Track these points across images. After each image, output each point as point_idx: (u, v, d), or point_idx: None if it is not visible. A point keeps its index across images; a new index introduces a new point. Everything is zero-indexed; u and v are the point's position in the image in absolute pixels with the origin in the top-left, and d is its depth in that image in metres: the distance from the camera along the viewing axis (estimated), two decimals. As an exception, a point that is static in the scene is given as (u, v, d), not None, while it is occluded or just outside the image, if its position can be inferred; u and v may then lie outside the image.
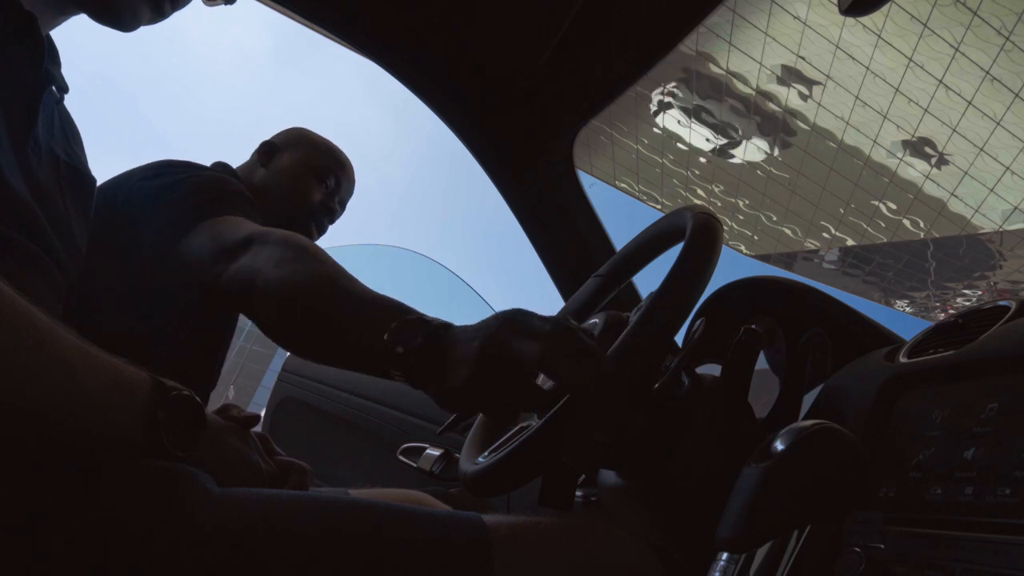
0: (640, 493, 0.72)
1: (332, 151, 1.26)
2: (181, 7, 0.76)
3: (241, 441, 0.72)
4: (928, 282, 14.51)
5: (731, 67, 10.65)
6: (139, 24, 0.71)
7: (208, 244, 0.80)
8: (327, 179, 1.22)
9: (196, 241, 0.81)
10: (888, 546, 0.43)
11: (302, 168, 1.20)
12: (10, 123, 0.59)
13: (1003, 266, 13.16)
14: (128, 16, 0.70)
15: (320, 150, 1.24)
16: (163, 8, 0.73)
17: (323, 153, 1.24)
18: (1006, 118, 10.21)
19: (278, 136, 1.27)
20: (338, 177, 1.24)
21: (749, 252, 14.93)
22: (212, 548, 0.49)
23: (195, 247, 0.81)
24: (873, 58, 9.90)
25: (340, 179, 1.25)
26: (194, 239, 0.82)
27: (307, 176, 1.20)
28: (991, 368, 0.47)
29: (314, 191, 1.20)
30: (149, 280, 0.88)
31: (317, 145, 1.25)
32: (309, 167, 1.21)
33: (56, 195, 0.67)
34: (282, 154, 1.23)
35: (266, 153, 1.23)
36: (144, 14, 0.71)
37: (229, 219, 0.84)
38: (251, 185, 1.16)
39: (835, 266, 14.90)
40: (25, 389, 0.41)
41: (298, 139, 1.26)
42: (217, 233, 0.81)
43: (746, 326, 0.74)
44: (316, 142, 1.25)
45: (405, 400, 1.65)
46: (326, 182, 1.22)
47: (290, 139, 1.26)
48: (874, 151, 11.63)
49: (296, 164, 1.21)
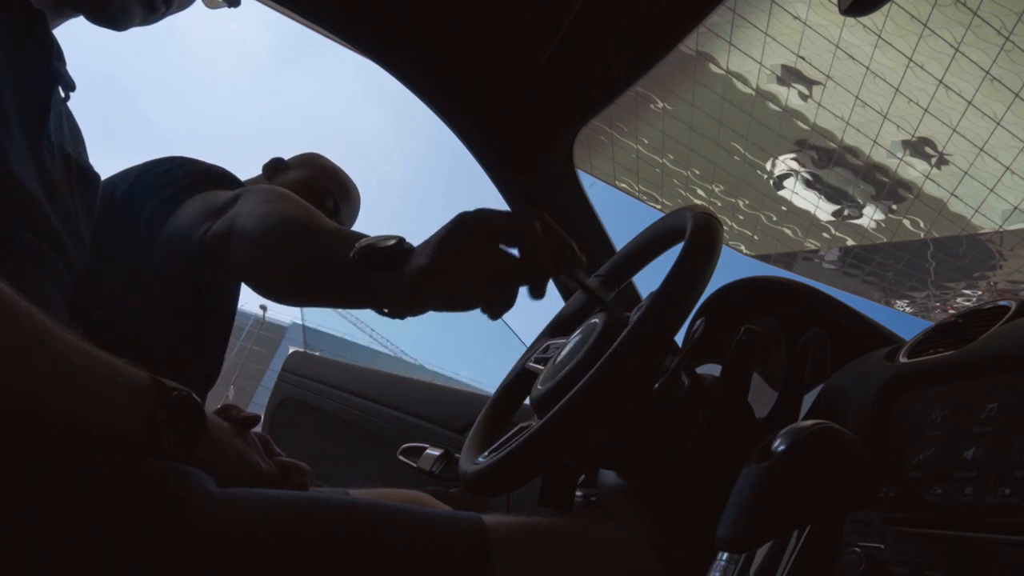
0: (640, 493, 0.72)
1: (337, 175, 1.26)
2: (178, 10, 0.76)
3: (241, 441, 0.72)
4: (928, 282, 14.51)
5: (731, 67, 10.65)
6: (133, 24, 0.73)
7: (201, 207, 0.80)
8: (325, 200, 1.22)
9: (188, 209, 0.82)
10: (888, 546, 0.43)
11: (301, 186, 1.20)
12: (23, 121, 0.59)
13: (1003, 266, 13.15)
14: (122, 16, 0.71)
15: (324, 172, 1.24)
16: (156, 7, 0.74)
17: (326, 175, 1.24)
18: (1006, 118, 10.21)
19: (293, 157, 1.29)
20: (337, 200, 1.24)
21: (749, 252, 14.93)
22: (212, 548, 0.49)
23: (187, 213, 0.81)
24: (873, 58, 9.90)
25: (340, 203, 1.24)
26: (187, 208, 0.82)
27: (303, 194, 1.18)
28: (991, 368, 0.47)
29: None
30: (147, 277, 0.88)
31: (323, 168, 1.25)
32: (308, 185, 1.21)
33: (66, 193, 0.67)
34: (288, 172, 1.24)
35: (272, 168, 1.24)
36: (137, 14, 0.72)
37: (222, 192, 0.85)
38: None
39: (835, 266, 14.89)
40: (25, 389, 0.41)
41: (307, 161, 1.27)
42: (210, 199, 0.82)
43: (746, 326, 0.74)
44: (323, 165, 1.26)
45: (405, 400, 1.65)
46: (324, 203, 1.21)
47: (300, 160, 1.28)
48: (874, 151, 11.63)
49: (297, 182, 1.21)
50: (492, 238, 0.59)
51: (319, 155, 1.30)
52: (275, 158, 1.26)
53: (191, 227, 0.79)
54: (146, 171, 0.93)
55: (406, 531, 0.57)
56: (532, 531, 0.62)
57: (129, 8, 0.71)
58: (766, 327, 0.84)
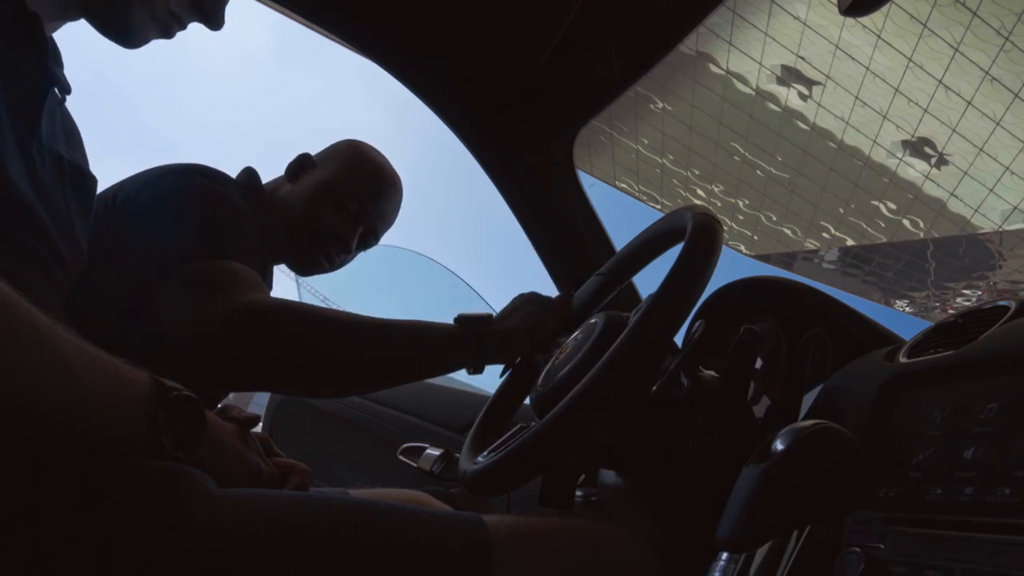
0: (640, 493, 0.72)
1: (369, 174, 1.11)
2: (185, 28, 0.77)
3: (241, 442, 0.72)
4: (928, 282, 14.51)
5: (731, 67, 10.65)
6: (144, 43, 0.73)
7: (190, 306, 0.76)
8: (348, 203, 1.08)
9: (180, 297, 0.77)
10: (888, 546, 0.43)
11: (322, 187, 1.08)
12: (15, 123, 0.59)
13: (1003, 266, 13.15)
14: (138, 36, 0.72)
15: (350, 169, 1.10)
16: (171, 32, 0.74)
17: (354, 174, 1.10)
18: (1006, 118, 10.21)
19: (322, 151, 1.15)
20: (364, 203, 1.09)
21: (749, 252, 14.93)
22: (212, 548, 0.49)
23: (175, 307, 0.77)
24: (873, 58, 9.90)
25: (367, 206, 1.10)
26: (179, 292, 0.77)
27: (323, 196, 1.07)
28: (991, 368, 0.47)
29: (327, 215, 1.07)
30: (146, 282, 0.88)
31: (352, 165, 1.11)
32: (329, 187, 1.08)
33: (59, 195, 0.67)
34: (314, 170, 1.11)
35: (295, 168, 1.12)
36: (152, 35, 0.73)
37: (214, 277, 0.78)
38: (273, 202, 1.08)
39: (835, 266, 14.90)
40: (25, 389, 0.41)
41: (334, 154, 1.13)
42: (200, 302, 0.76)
43: (746, 326, 0.74)
44: (352, 162, 1.11)
45: (405, 400, 1.65)
46: (347, 207, 1.08)
47: (329, 153, 1.14)
48: (874, 151, 11.63)
49: (318, 183, 1.08)
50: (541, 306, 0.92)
51: (353, 146, 1.15)
52: (301, 155, 1.12)
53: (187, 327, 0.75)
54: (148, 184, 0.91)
55: (406, 531, 0.57)
56: (532, 531, 0.62)
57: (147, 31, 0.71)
58: (766, 327, 0.85)
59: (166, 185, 0.90)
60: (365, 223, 1.11)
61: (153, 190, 0.90)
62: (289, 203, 1.08)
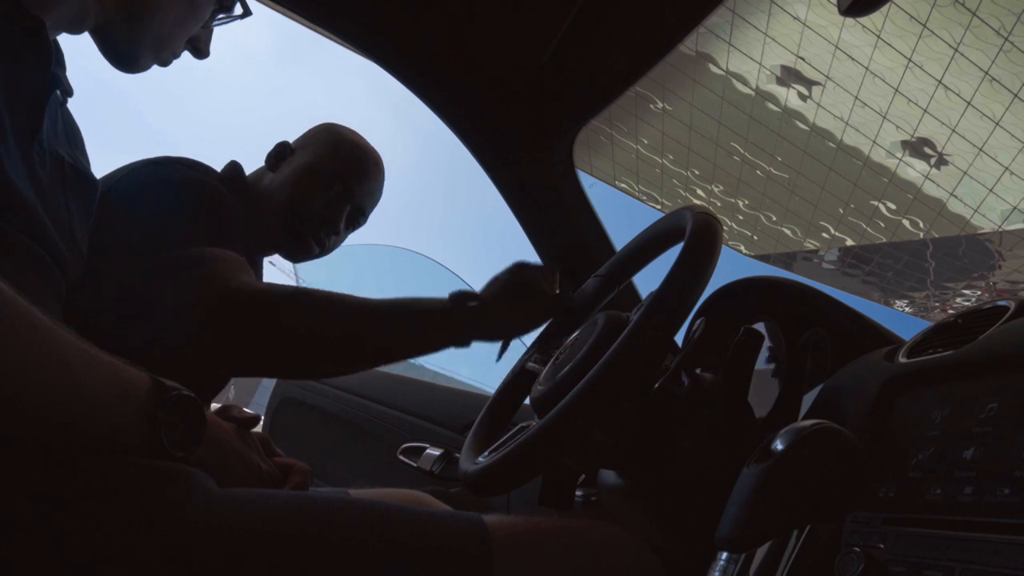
0: (640, 493, 0.72)
1: (349, 153, 1.11)
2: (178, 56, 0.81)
3: (241, 442, 0.72)
4: (927, 282, 14.52)
5: (731, 67, 10.65)
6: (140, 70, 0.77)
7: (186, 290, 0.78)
8: (332, 185, 1.08)
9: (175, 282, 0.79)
10: (888, 546, 0.43)
11: (304, 171, 1.08)
12: (16, 125, 0.59)
13: (1002, 266, 13.16)
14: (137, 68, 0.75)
15: (331, 153, 1.10)
16: (167, 63, 0.78)
17: (334, 156, 1.10)
18: (1005, 118, 10.21)
19: (299, 137, 1.16)
20: (348, 183, 1.09)
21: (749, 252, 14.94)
22: (212, 548, 0.49)
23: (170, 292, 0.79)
24: (872, 58, 9.91)
25: (352, 186, 1.10)
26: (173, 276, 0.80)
27: (306, 180, 1.07)
28: (991, 368, 0.47)
29: (313, 198, 1.07)
30: (144, 280, 0.88)
31: (330, 147, 1.11)
32: (312, 170, 1.08)
33: (59, 197, 0.67)
34: (293, 157, 1.11)
35: (275, 156, 1.12)
36: (148, 65, 0.77)
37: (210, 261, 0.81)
38: (257, 191, 1.09)
39: (835, 266, 14.91)
40: (25, 389, 0.41)
41: (313, 138, 1.14)
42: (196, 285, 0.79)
43: (746, 326, 0.74)
44: (331, 145, 1.12)
45: (405, 400, 1.65)
46: (331, 188, 1.08)
47: (306, 139, 1.14)
48: (873, 151, 11.64)
49: (299, 168, 1.09)
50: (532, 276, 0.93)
51: (330, 129, 1.15)
52: (279, 144, 1.13)
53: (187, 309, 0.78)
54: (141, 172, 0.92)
55: (406, 531, 0.57)
56: (532, 531, 0.62)
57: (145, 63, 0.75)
58: (766, 327, 0.85)
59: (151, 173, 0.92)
60: (351, 203, 1.12)
61: (138, 179, 0.91)
62: (273, 191, 1.08)
